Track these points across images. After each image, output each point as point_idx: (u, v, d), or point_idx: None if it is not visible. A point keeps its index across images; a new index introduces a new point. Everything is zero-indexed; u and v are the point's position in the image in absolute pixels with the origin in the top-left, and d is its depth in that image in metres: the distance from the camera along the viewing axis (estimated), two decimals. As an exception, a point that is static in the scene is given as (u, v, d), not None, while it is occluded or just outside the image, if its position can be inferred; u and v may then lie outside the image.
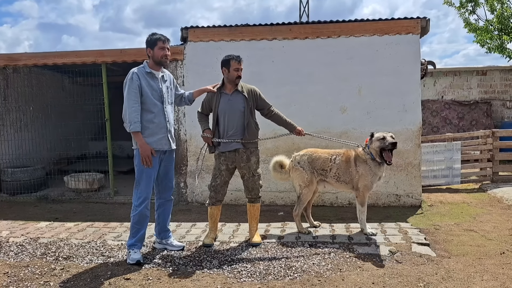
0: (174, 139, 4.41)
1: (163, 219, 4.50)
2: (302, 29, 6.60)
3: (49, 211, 6.65)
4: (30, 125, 8.74)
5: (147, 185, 4.19)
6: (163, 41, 4.23)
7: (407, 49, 6.42)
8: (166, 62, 4.30)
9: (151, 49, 4.23)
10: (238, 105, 4.53)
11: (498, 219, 5.67)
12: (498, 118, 12.06)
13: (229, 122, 4.55)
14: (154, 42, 4.23)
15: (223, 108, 4.55)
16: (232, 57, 4.51)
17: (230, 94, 4.56)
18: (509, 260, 4.13)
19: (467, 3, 12.68)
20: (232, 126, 4.54)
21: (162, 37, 4.26)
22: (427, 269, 3.89)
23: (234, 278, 3.74)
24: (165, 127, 4.24)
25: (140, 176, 4.19)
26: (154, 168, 4.22)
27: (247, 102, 4.53)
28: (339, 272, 3.84)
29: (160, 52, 4.21)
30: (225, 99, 4.56)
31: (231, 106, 4.53)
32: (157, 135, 4.21)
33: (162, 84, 4.29)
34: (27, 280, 3.73)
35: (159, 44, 4.21)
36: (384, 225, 5.31)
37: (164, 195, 4.47)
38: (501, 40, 12.45)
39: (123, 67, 8.40)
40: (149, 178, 4.19)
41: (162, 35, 4.29)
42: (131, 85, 4.12)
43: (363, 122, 6.56)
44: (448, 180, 7.96)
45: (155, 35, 4.26)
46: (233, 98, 4.55)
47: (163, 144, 4.25)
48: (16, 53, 7.55)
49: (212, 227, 4.74)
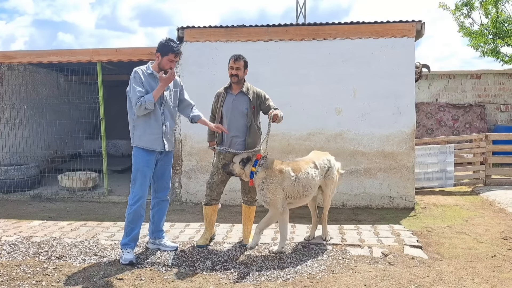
0: (171, 141, 4.36)
1: (157, 219, 4.49)
2: (298, 31, 6.63)
3: (43, 209, 6.62)
4: (24, 123, 8.71)
5: (142, 184, 4.18)
6: (175, 54, 4.14)
7: (402, 52, 6.46)
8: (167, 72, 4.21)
9: (160, 55, 4.14)
10: (241, 106, 4.48)
11: (490, 222, 5.72)
12: (491, 122, 12.14)
13: (231, 123, 4.51)
14: (166, 51, 4.12)
15: (227, 108, 4.52)
16: (231, 56, 4.48)
17: (235, 95, 4.52)
18: (500, 263, 4.17)
19: (463, 6, 12.78)
20: (234, 127, 4.50)
21: (176, 50, 4.14)
22: (419, 271, 3.92)
23: (227, 279, 3.75)
24: (160, 128, 4.19)
25: (136, 175, 4.19)
26: (149, 168, 4.21)
27: (251, 104, 4.47)
28: (332, 274, 3.86)
29: (168, 64, 4.14)
30: (230, 99, 4.53)
31: (235, 107, 4.49)
32: (151, 135, 4.17)
33: None
34: (19, 280, 3.72)
35: (170, 57, 4.13)
36: (377, 227, 5.34)
37: (159, 194, 4.46)
38: (495, 44, 12.57)
39: (118, 66, 8.41)
40: (144, 177, 4.18)
41: (178, 47, 4.18)
42: (134, 79, 4.10)
43: (357, 124, 6.59)
44: (441, 182, 8.01)
45: (170, 44, 4.13)
46: (237, 99, 4.51)
47: (156, 145, 4.20)
48: (11, 51, 7.52)
49: (207, 227, 4.72)
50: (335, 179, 4.69)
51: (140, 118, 4.15)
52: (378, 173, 6.62)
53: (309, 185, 4.41)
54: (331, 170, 4.63)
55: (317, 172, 4.47)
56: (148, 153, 4.19)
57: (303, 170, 4.40)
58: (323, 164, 4.57)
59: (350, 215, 6.21)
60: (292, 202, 4.44)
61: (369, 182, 6.64)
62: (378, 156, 6.59)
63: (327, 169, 4.60)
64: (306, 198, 4.49)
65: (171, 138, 4.38)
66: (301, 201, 4.50)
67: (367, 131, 6.60)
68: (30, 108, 8.80)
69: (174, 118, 4.43)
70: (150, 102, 4.02)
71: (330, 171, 4.62)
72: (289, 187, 4.31)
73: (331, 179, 4.63)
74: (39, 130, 8.93)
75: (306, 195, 4.44)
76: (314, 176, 4.44)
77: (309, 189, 4.42)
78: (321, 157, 4.66)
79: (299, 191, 4.36)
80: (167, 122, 4.27)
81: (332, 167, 4.65)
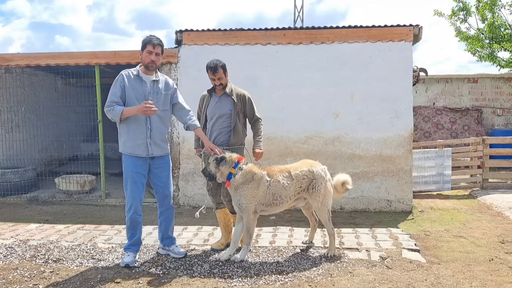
0: (160, 145, 4.18)
1: (165, 227, 4.41)
2: (296, 35, 6.64)
3: (39, 212, 6.60)
4: (22, 126, 8.68)
5: (133, 191, 4.09)
6: (153, 45, 4.05)
7: (399, 56, 6.48)
8: (152, 67, 4.10)
9: (141, 51, 4.12)
10: (225, 108, 4.49)
11: (487, 226, 5.73)
12: (488, 126, 12.18)
13: (215, 124, 4.52)
14: (144, 45, 4.08)
15: (210, 110, 4.55)
16: (208, 68, 4.41)
17: (219, 97, 4.55)
18: (497, 266, 4.17)
19: (459, 11, 12.86)
20: (217, 128, 4.50)
21: (153, 40, 4.06)
22: (417, 275, 3.92)
23: (224, 282, 3.74)
24: (144, 133, 4.06)
25: (126, 182, 4.12)
26: (140, 174, 4.11)
27: (235, 105, 4.49)
28: (330, 277, 3.85)
29: (147, 57, 4.05)
30: (214, 102, 4.56)
31: (219, 109, 4.51)
32: (134, 141, 4.06)
33: (151, 89, 4.12)
34: (16, 283, 3.69)
35: (148, 48, 4.05)
36: (375, 231, 5.34)
37: (163, 203, 4.35)
38: (492, 49, 12.63)
39: (116, 69, 8.40)
40: (134, 183, 4.09)
41: (155, 37, 4.10)
42: (114, 85, 4.05)
43: (355, 127, 6.60)
44: (438, 186, 8.03)
45: (147, 38, 4.10)
46: (221, 100, 4.53)
47: (139, 151, 4.07)
48: (9, 53, 7.51)
49: (223, 232, 4.66)
50: (322, 191, 4.31)
51: (123, 124, 4.05)
52: (376, 177, 6.63)
53: (279, 194, 4.21)
54: (316, 182, 4.30)
55: (290, 182, 4.23)
56: (135, 158, 4.09)
57: (275, 177, 4.23)
58: (300, 175, 4.28)
59: (348, 218, 6.21)
60: (264, 209, 4.28)
61: (367, 185, 6.65)
62: (376, 160, 6.60)
63: (308, 180, 4.30)
64: (277, 207, 4.30)
65: (161, 142, 4.20)
66: (272, 209, 4.32)
67: (365, 135, 6.61)
68: (27, 111, 8.78)
69: (165, 122, 4.25)
70: (115, 115, 3.93)
71: (314, 183, 4.30)
72: (262, 193, 4.17)
73: (317, 192, 4.29)
74: (37, 133, 8.91)
75: (276, 204, 4.25)
76: (285, 186, 4.21)
77: (278, 198, 4.22)
78: (301, 167, 4.35)
79: (269, 198, 4.20)
80: (154, 126, 4.10)
81: (316, 179, 4.30)
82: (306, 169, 4.33)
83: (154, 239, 4.91)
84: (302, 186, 4.30)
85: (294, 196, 4.32)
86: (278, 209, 4.40)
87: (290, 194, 4.28)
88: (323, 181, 4.34)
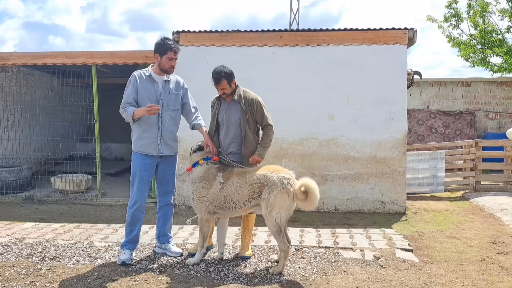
0: (170, 145, 4.28)
1: (162, 223, 4.45)
2: (292, 37, 6.71)
3: (35, 211, 6.60)
4: (18, 125, 8.68)
5: (139, 188, 4.18)
6: (174, 51, 4.11)
7: (394, 58, 6.56)
8: (171, 72, 4.24)
9: (159, 55, 4.11)
10: (234, 116, 4.31)
11: (479, 227, 5.81)
12: (481, 129, 12.33)
13: (226, 133, 4.36)
14: (164, 50, 4.09)
15: (222, 117, 4.37)
16: (212, 78, 4.25)
17: (228, 103, 4.36)
18: (489, 266, 4.25)
19: (451, 17, 13.02)
20: (229, 137, 4.34)
21: (174, 47, 4.11)
22: (410, 274, 3.98)
23: (220, 281, 3.78)
24: (155, 132, 4.16)
25: (134, 178, 4.20)
26: (147, 172, 4.21)
27: (243, 113, 4.28)
28: (325, 276, 3.90)
29: (168, 62, 4.12)
30: (224, 108, 4.37)
31: (228, 116, 4.33)
32: (145, 140, 4.16)
33: (163, 89, 4.19)
34: (13, 280, 3.71)
35: (169, 54, 4.09)
36: (369, 231, 5.40)
37: (163, 198, 4.42)
38: (484, 54, 12.80)
39: (112, 69, 8.42)
40: (141, 181, 4.18)
41: (175, 44, 4.14)
42: (128, 86, 4.16)
43: (350, 129, 6.67)
44: (432, 188, 8.11)
45: (167, 42, 4.09)
46: (230, 108, 4.34)
47: (150, 149, 4.17)
48: (5, 52, 7.52)
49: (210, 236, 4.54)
50: (272, 200, 3.85)
51: (136, 123, 4.15)
52: (370, 178, 6.70)
53: (231, 197, 4.02)
54: (267, 189, 3.89)
55: (243, 187, 3.99)
56: (145, 157, 4.19)
57: (229, 180, 4.07)
58: (254, 180, 3.97)
59: (342, 219, 6.27)
60: (217, 212, 4.14)
61: (361, 187, 6.72)
62: (370, 161, 6.67)
63: (261, 186, 3.94)
64: (230, 211, 4.09)
65: (171, 142, 4.30)
66: (226, 213, 4.14)
67: (360, 137, 6.68)
68: (23, 110, 8.78)
69: (176, 121, 4.33)
70: (128, 116, 4.06)
71: (265, 190, 3.90)
72: (212, 195, 4.08)
73: (265, 200, 3.89)
74: (32, 132, 8.90)
75: (228, 208, 4.06)
76: (238, 190, 4.00)
77: (230, 201, 4.03)
78: (259, 172, 4.01)
79: (220, 201, 4.06)
80: (165, 126, 4.21)
81: (268, 185, 3.89)
82: (261, 174, 3.97)
83: (150, 238, 4.94)
84: (255, 191, 3.96)
85: (248, 202, 4.00)
86: (233, 214, 4.17)
87: (243, 199, 4.00)
88: (276, 189, 3.86)
